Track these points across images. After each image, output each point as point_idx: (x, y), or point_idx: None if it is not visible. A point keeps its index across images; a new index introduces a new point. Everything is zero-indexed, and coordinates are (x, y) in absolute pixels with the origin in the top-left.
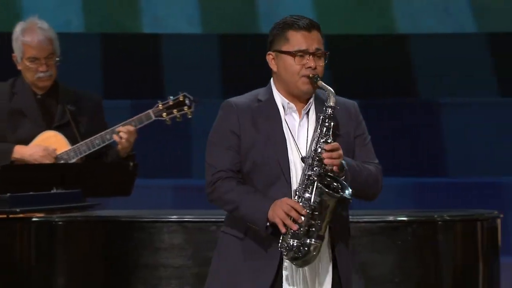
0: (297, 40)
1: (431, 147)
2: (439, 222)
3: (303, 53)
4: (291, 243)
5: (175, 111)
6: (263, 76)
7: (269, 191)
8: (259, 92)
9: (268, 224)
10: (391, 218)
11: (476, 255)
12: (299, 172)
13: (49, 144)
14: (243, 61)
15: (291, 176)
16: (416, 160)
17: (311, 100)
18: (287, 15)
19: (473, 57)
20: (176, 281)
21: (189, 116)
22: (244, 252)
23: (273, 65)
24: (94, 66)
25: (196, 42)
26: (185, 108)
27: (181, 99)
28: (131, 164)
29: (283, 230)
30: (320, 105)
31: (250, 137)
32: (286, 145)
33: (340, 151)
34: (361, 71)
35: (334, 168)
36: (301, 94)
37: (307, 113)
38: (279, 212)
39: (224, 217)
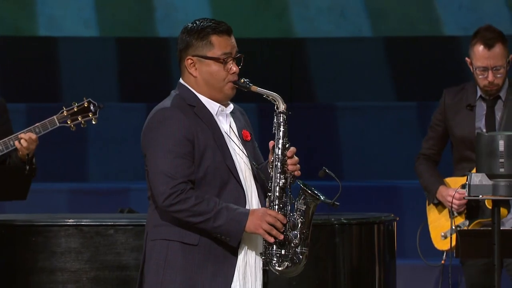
0: (221, 45)
1: (328, 151)
2: (336, 225)
3: (227, 57)
4: (282, 253)
5: (79, 117)
6: (160, 79)
7: (222, 194)
8: (183, 97)
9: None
10: None
11: (373, 258)
12: (246, 173)
13: None
14: (140, 65)
15: (240, 178)
16: (313, 164)
17: (230, 103)
18: (203, 19)
19: (369, 61)
20: (72, 285)
21: (94, 122)
22: (200, 259)
23: (193, 70)
24: None
25: (93, 45)
26: (90, 114)
27: (86, 105)
28: (27, 167)
29: (271, 240)
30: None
31: (202, 144)
32: (229, 148)
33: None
34: (258, 75)
35: (296, 173)
36: (224, 98)
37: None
38: (263, 224)
39: (145, 222)
